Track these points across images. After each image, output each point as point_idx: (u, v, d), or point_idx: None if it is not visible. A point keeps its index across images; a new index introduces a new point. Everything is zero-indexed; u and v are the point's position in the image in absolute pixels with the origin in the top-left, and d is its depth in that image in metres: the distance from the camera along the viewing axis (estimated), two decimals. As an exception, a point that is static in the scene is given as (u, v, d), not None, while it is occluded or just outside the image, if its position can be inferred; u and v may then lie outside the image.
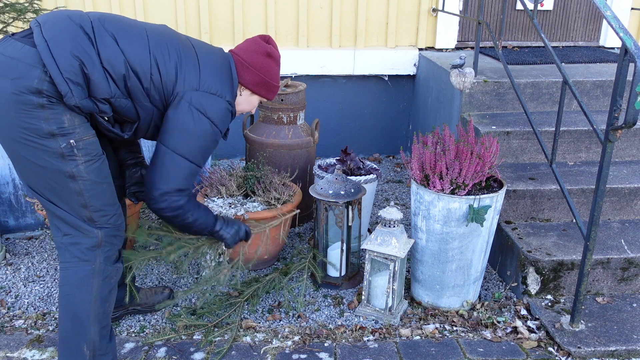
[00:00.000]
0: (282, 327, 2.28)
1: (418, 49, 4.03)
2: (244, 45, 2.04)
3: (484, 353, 2.15)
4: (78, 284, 1.80)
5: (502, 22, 3.00)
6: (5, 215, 2.94)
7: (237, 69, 1.99)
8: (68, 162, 1.71)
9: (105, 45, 1.71)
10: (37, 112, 1.64)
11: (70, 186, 1.73)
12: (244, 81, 2.01)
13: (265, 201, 2.62)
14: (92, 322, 1.81)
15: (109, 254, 1.84)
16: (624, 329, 2.23)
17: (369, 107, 4.19)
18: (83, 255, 1.79)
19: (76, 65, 1.65)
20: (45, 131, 1.66)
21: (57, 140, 1.68)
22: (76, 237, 1.79)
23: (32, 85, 1.61)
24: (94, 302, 1.81)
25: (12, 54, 1.64)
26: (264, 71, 2.02)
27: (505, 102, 3.15)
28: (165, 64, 1.80)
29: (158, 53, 1.80)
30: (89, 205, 1.77)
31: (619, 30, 1.89)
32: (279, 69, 2.08)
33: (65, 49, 1.64)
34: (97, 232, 1.80)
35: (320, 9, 3.91)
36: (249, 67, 2.00)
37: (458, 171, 2.20)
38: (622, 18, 3.97)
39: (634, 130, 2.96)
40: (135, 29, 1.80)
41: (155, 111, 1.86)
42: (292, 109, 3.04)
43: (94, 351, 1.82)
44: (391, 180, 3.87)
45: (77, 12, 1.77)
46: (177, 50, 1.84)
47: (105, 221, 1.81)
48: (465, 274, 2.35)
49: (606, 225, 2.67)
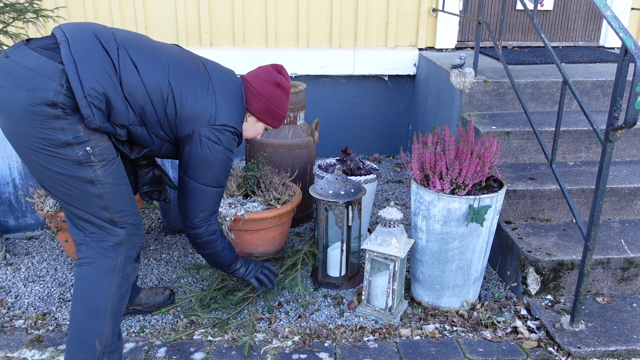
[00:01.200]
0: (282, 327, 2.28)
1: (418, 49, 4.03)
2: (256, 72, 2.10)
3: (484, 353, 2.15)
4: (99, 278, 1.83)
5: (502, 22, 3.00)
6: (5, 215, 2.94)
7: (245, 96, 2.05)
8: (86, 169, 1.74)
9: (128, 75, 1.74)
10: (53, 123, 1.66)
11: (90, 190, 1.77)
12: (251, 108, 2.07)
13: (265, 201, 2.62)
14: (108, 318, 1.83)
15: (130, 252, 1.89)
16: (624, 329, 2.23)
17: (369, 107, 4.19)
18: (106, 252, 1.84)
19: (101, 93, 1.68)
20: (61, 141, 1.68)
21: (73, 148, 1.70)
22: (100, 235, 1.84)
23: (48, 98, 1.63)
24: (112, 298, 1.84)
25: (28, 64, 1.64)
26: (272, 100, 2.08)
27: (505, 102, 3.15)
28: (182, 98, 1.85)
29: (176, 86, 1.84)
30: (109, 207, 1.81)
31: (619, 30, 1.89)
32: (287, 99, 2.14)
33: (93, 74, 1.66)
34: (120, 231, 1.85)
35: (320, 9, 3.91)
36: (258, 96, 2.06)
37: (458, 171, 2.20)
38: (622, 18, 3.97)
39: (634, 130, 2.96)
40: (157, 59, 1.83)
41: (167, 140, 1.93)
42: (292, 109, 3.04)
43: (105, 347, 1.83)
44: (391, 180, 3.87)
45: (103, 29, 1.79)
46: (193, 84, 1.88)
47: (125, 221, 1.86)
48: (465, 274, 2.35)
49: (606, 225, 2.67)
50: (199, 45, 3.91)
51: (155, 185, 2.22)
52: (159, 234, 3.07)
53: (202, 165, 1.94)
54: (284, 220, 2.63)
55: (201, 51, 3.82)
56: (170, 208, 2.99)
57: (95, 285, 1.82)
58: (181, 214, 2.06)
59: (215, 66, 2.03)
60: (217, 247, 2.14)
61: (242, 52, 3.90)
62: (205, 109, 1.89)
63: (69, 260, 2.77)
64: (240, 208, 2.55)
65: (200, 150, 1.91)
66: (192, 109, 1.87)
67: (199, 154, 1.92)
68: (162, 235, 3.05)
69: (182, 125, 1.88)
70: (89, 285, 1.83)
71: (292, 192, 2.71)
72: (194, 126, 1.89)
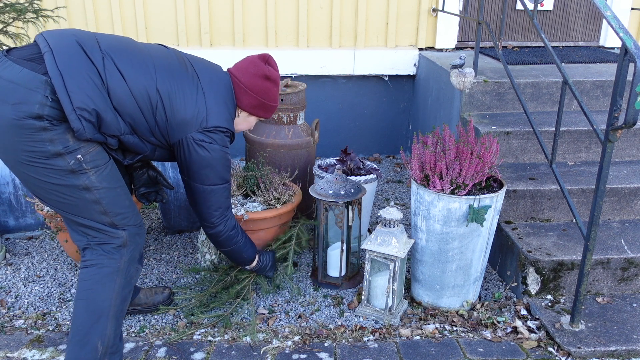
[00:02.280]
0: (282, 327, 2.28)
1: (418, 49, 4.03)
2: (243, 65, 2.06)
3: (484, 353, 2.14)
4: (102, 280, 1.83)
5: (502, 22, 3.00)
6: (5, 215, 2.94)
7: (235, 92, 2.03)
8: (80, 176, 1.73)
9: (115, 85, 1.72)
10: (41, 135, 1.64)
11: (86, 197, 1.76)
12: (242, 104, 2.06)
13: (265, 201, 2.62)
14: (110, 319, 1.83)
15: (133, 253, 1.89)
16: (624, 329, 2.23)
17: (369, 107, 4.19)
18: (110, 254, 1.84)
19: (91, 106, 1.66)
20: (51, 152, 1.67)
21: (64, 158, 1.69)
22: (103, 239, 1.84)
23: (33, 111, 1.60)
24: (115, 300, 1.84)
25: (10, 77, 1.61)
26: (262, 94, 2.06)
27: (505, 102, 3.15)
28: (172, 104, 1.83)
29: (164, 92, 1.82)
30: (108, 211, 1.81)
31: (619, 30, 1.89)
32: (277, 89, 2.11)
33: (81, 87, 1.64)
34: (121, 233, 1.85)
35: (320, 9, 3.91)
36: (248, 91, 2.03)
37: (458, 171, 2.20)
38: (622, 18, 3.97)
39: (634, 130, 2.96)
40: (144, 65, 1.80)
41: (159, 146, 1.92)
42: (292, 109, 3.03)
43: (106, 348, 1.83)
44: (391, 180, 3.87)
45: (86, 37, 1.76)
46: (182, 87, 1.86)
47: (126, 223, 1.86)
48: (465, 274, 2.35)
49: (606, 225, 2.67)
50: (199, 45, 3.91)
51: (151, 186, 2.21)
52: (159, 234, 3.07)
53: (203, 167, 1.94)
54: (284, 220, 2.63)
55: (201, 51, 3.82)
56: (170, 208, 2.99)
57: (98, 287, 1.82)
58: (198, 217, 2.09)
59: (202, 64, 1.99)
60: (239, 242, 2.17)
61: (242, 52, 3.89)
62: (196, 114, 1.87)
63: (69, 260, 2.77)
64: (240, 208, 2.55)
65: (197, 153, 1.91)
66: (183, 114, 1.85)
67: (197, 157, 1.91)
68: (162, 235, 3.05)
69: (173, 132, 1.87)
70: (92, 286, 1.82)
71: (292, 192, 2.71)
72: (185, 132, 1.87)
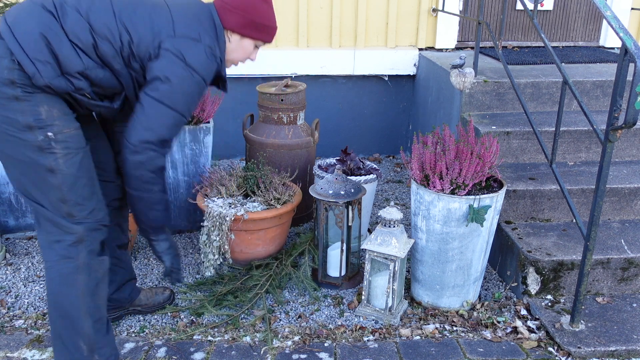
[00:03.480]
0: (282, 327, 2.28)
1: (418, 49, 4.02)
2: None
3: (484, 353, 2.15)
4: (63, 281, 1.78)
5: (502, 22, 3.01)
6: (5, 215, 2.94)
7: (219, 14, 1.88)
8: (47, 156, 1.69)
9: (69, 18, 1.67)
10: (13, 104, 1.63)
11: (49, 180, 1.71)
12: (229, 25, 1.88)
13: (265, 201, 2.62)
14: (83, 318, 1.79)
15: (91, 247, 1.81)
16: (624, 329, 2.23)
17: (369, 107, 4.19)
18: (66, 253, 1.77)
19: (42, 44, 1.63)
20: (22, 124, 1.64)
21: (34, 132, 1.66)
22: (58, 235, 1.77)
23: (3, 76, 1.61)
24: (82, 298, 1.79)
25: None
26: (249, 10, 1.89)
27: (505, 102, 3.15)
28: (134, 24, 1.74)
29: (124, 15, 1.74)
30: (67, 199, 1.73)
31: (619, 30, 1.89)
32: (268, 7, 1.94)
33: (28, 29, 1.63)
34: (76, 228, 1.76)
35: (320, 9, 3.91)
36: (231, 9, 1.88)
37: (458, 171, 2.20)
38: (622, 18, 3.97)
39: (634, 130, 2.96)
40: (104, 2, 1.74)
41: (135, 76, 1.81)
42: (292, 109, 3.04)
43: (91, 345, 1.81)
44: (391, 180, 3.87)
45: None
46: (144, 7, 1.78)
47: (84, 216, 1.77)
48: (465, 274, 2.35)
49: (606, 225, 2.67)
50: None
51: None
52: (159, 234, 3.06)
53: (161, 79, 1.76)
54: (284, 220, 2.63)
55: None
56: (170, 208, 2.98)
57: (62, 289, 1.79)
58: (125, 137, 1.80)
59: None
60: (153, 192, 1.87)
61: (242, 52, 3.89)
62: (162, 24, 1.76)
63: (69, 260, 2.77)
64: (240, 208, 2.55)
65: (162, 62, 1.75)
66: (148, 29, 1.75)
67: (160, 66, 1.76)
68: (162, 235, 3.05)
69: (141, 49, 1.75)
70: (56, 289, 1.79)
71: (292, 192, 2.71)
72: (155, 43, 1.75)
